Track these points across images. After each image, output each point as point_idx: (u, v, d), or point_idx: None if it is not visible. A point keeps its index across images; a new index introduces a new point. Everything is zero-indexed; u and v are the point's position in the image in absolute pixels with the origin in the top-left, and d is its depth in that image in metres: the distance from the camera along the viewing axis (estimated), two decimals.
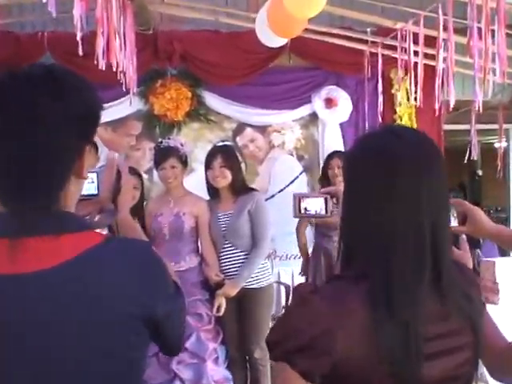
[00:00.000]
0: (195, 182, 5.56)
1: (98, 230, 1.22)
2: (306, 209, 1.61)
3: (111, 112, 5.51)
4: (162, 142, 4.07)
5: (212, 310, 3.87)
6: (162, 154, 3.97)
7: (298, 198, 1.62)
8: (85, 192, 1.39)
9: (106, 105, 5.46)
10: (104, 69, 3.53)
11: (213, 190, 4.07)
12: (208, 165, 4.00)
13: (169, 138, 4.16)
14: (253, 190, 4.14)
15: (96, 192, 1.43)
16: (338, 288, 1.19)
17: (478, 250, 5.25)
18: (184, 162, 4.02)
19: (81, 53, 2.95)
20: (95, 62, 3.19)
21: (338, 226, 1.29)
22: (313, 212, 1.61)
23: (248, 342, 3.91)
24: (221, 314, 3.87)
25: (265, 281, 3.99)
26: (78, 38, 2.79)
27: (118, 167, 1.44)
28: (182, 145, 4.05)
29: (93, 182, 1.43)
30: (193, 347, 3.76)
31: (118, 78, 3.85)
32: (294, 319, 1.17)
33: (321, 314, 1.13)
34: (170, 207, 3.98)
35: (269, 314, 3.99)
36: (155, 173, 4.38)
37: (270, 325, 3.91)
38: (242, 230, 3.94)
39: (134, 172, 3.78)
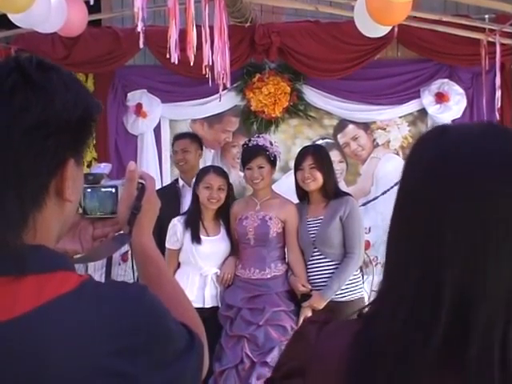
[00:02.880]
0: (293, 180, 5.33)
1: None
2: None
3: (207, 108, 5.39)
4: (250, 140, 3.84)
5: (297, 323, 3.59)
6: (250, 153, 3.75)
7: None
8: (102, 210, 1.17)
9: (201, 100, 5.36)
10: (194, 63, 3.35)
11: (302, 193, 3.80)
12: (297, 165, 3.74)
13: (258, 137, 3.91)
14: (346, 194, 3.81)
15: (115, 210, 1.18)
16: (344, 325, 0.93)
17: None
18: (273, 162, 3.77)
19: (141, 45, 2.77)
20: (167, 56, 2.99)
21: None
22: None
23: None
24: None
25: (356, 293, 3.67)
26: (139, 29, 2.60)
27: (142, 181, 1.17)
28: (271, 144, 3.80)
29: (111, 199, 1.18)
30: (274, 362, 3.49)
31: (204, 72, 3.64)
32: (284, 350, 0.97)
33: (303, 349, 0.89)
34: (256, 210, 3.74)
35: None
36: None
37: None
38: (333, 237, 3.64)
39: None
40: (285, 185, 4.92)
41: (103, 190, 1.18)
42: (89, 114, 0.92)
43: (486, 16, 4.89)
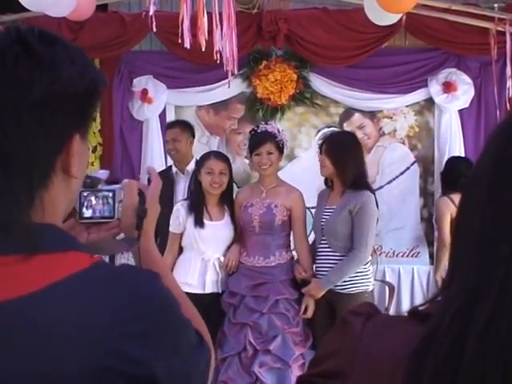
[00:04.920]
0: (298, 169, 5.31)
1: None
2: None
3: (213, 94, 5.35)
4: (258, 127, 3.82)
5: (300, 311, 3.59)
6: (259, 139, 3.73)
7: None
8: (98, 214, 1.15)
9: (208, 87, 5.32)
10: (202, 49, 3.34)
11: (328, 180, 3.79)
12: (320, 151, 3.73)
13: (266, 123, 3.89)
14: (366, 187, 3.64)
15: (111, 215, 1.16)
16: (393, 322, 0.83)
17: None
18: (280, 149, 3.76)
19: (154, 29, 2.75)
20: (179, 41, 2.98)
21: None
22: None
23: None
24: (308, 315, 3.58)
25: (363, 286, 3.62)
26: (151, 13, 2.59)
27: (143, 190, 1.18)
28: (279, 131, 3.78)
29: (108, 203, 1.16)
30: (277, 350, 3.50)
31: (215, 58, 3.62)
32: (323, 344, 0.89)
33: (347, 345, 0.81)
34: (262, 198, 3.73)
35: None
36: None
37: None
38: (338, 229, 3.59)
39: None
40: (290, 172, 4.91)
41: (100, 194, 1.16)
42: (94, 88, 0.90)
43: (496, 5, 4.84)
